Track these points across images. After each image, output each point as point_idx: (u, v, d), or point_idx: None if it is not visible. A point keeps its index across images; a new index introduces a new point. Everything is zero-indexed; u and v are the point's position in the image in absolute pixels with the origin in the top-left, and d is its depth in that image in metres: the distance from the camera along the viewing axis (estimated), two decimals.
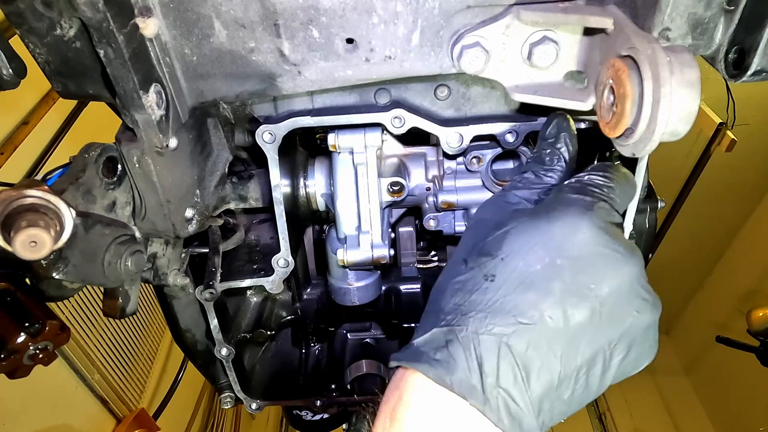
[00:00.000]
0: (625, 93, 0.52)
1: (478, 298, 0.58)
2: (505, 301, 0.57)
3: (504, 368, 0.54)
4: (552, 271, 0.57)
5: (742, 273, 5.34)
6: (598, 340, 0.57)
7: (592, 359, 0.57)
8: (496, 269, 0.59)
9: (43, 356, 0.95)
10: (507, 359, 0.55)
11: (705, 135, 3.99)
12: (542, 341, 0.55)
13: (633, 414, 5.94)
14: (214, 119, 0.86)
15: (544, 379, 0.55)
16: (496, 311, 0.57)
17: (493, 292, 0.58)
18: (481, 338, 0.56)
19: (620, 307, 0.58)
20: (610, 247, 0.58)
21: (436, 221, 1.01)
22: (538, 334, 0.55)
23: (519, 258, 0.59)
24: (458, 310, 0.59)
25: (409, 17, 0.66)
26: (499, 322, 0.56)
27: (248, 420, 4.89)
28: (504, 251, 0.60)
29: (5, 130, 2.16)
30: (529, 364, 0.55)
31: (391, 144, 0.96)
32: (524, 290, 0.57)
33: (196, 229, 0.86)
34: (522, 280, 0.57)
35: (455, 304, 0.59)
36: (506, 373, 0.54)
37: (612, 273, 0.57)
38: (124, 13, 0.59)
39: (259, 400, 1.18)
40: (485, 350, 0.55)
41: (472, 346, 0.56)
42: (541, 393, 0.55)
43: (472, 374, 0.55)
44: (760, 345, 3.10)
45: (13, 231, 0.53)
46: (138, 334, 3.21)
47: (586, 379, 0.57)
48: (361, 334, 1.34)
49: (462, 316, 0.58)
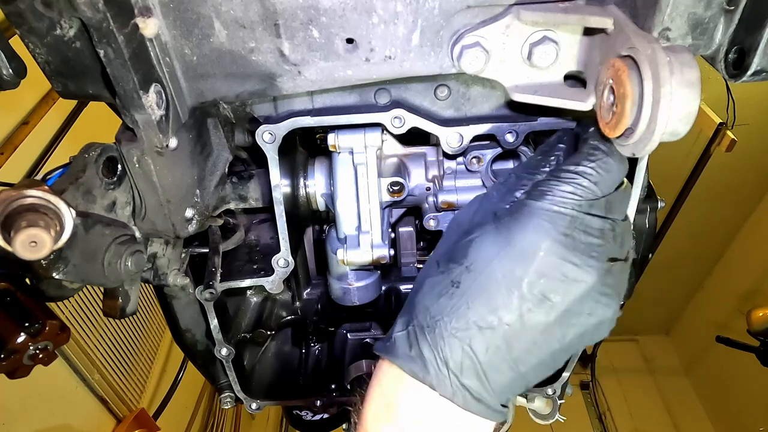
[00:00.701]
0: (625, 93, 0.52)
1: (445, 302, 0.64)
2: (468, 308, 0.62)
3: (467, 367, 0.62)
4: (511, 281, 0.61)
5: (742, 273, 5.34)
6: (553, 337, 0.63)
7: (548, 353, 0.64)
8: (461, 276, 0.64)
9: (43, 356, 0.96)
10: (468, 359, 0.62)
11: (705, 135, 3.98)
12: (501, 343, 0.62)
13: (633, 414, 5.94)
14: (214, 119, 0.86)
15: (504, 374, 0.63)
16: (459, 316, 0.63)
17: (458, 298, 0.63)
18: (447, 340, 0.62)
19: (574, 311, 0.62)
20: (568, 260, 0.61)
21: (436, 221, 1.01)
22: (497, 336, 0.61)
23: (481, 267, 0.63)
24: (428, 312, 0.65)
25: (409, 17, 0.66)
26: (461, 326, 0.62)
27: (248, 420, 4.89)
28: (469, 260, 0.65)
29: (5, 130, 2.16)
30: (488, 363, 0.62)
31: (391, 144, 0.97)
32: (485, 298, 0.62)
33: (196, 229, 0.86)
34: (484, 288, 0.62)
35: (425, 306, 0.66)
36: (469, 372, 0.62)
37: (566, 286, 0.61)
38: (124, 13, 0.59)
39: (259, 400, 1.18)
40: (450, 351, 0.62)
41: (439, 347, 0.63)
42: (502, 384, 0.63)
43: (440, 371, 0.62)
44: (760, 345, 3.10)
45: (13, 231, 0.53)
46: (138, 334, 3.21)
47: (546, 367, 0.65)
48: (361, 334, 1.34)
49: (431, 318, 0.64)
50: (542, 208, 0.61)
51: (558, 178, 0.63)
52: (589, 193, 0.61)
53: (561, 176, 0.62)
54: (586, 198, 0.61)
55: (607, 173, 0.62)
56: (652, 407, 6.01)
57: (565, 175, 0.62)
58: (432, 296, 0.66)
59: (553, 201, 0.61)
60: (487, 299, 0.62)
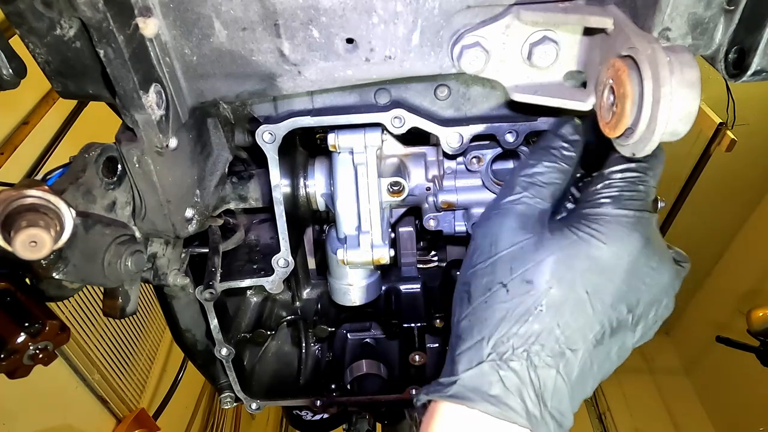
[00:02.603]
0: (625, 93, 0.52)
1: (528, 329, 0.58)
2: (557, 332, 0.58)
3: (558, 394, 0.58)
4: (597, 295, 0.58)
5: (742, 273, 5.34)
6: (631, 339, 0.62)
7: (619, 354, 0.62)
8: (544, 298, 0.59)
9: (43, 356, 0.95)
10: (561, 385, 0.58)
11: (705, 135, 3.99)
12: (587, 362, 0.59)
13: (633, 414, 5.94)
14: (214, 119, 0.86)
15: (586, 392, 0.60)
16: (547, 342, 0.58)
17: (542, 323, 0.58)
18: (540, 371, 0.57)
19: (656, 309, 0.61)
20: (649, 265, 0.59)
21: (436, 221, 1.01)
22: (586, 356, 0.58)
23: (566, 287, 0.58)
24: (508, 343, 0.58)
25: (409, 17, 0.66)
26: (552, 353, 0.58)
27: (248, 420, 4.89)
28: (550, 280, 0.59)
29: (5, 130, 2.16)
30: (577, 385, 0.59)
31: (391, 144, 0.96)
32: (574, 319, 0.58)
33: (196, 229, 0.86)
34: (570, 309, 0.58)
35: (503, 335, 0.59)
36: (560, 399, 0.58)
37: (648, 289, 0.60)
38: (124, 13, 0.59)
39: (259, 400, 1.18)
40: (543, 382, 0.57)
41: (530, 379, 0.57)
42: (580, 403, 0.61)
43: (534, 407, 0.57)
44: (760, 345, 3.10)
45: (13, 231, 0.53)
46: (138, 334, 3.21)
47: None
48: (361, 334, 1.34)
49: (514, 349, 0.58)
50: (620, 216, 0.58)
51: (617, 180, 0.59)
52: (651, 188, 0.60)
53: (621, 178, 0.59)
54: (649, 194, 0.59)
55: (658, 161, 0.60)
56: (652, 407, 6.01)
57: (624, 175, 0.59)
58: (508, 323, 0.59)
59: (625, 205, 0.58)
60: (575, 319, 0.58)
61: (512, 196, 0.66)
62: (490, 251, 0.64)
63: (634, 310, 0.60)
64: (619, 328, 0.60)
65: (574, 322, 0.58)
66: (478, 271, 0.64)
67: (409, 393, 1.19)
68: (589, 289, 0.58)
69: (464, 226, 1.00)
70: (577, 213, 0.62)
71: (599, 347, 0.60)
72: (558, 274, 0.59)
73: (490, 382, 0.58)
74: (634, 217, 0.58)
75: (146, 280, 0.94)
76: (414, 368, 1.21)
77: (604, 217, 0.59)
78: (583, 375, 0.59)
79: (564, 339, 0.58)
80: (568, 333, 0.58)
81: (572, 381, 0.58)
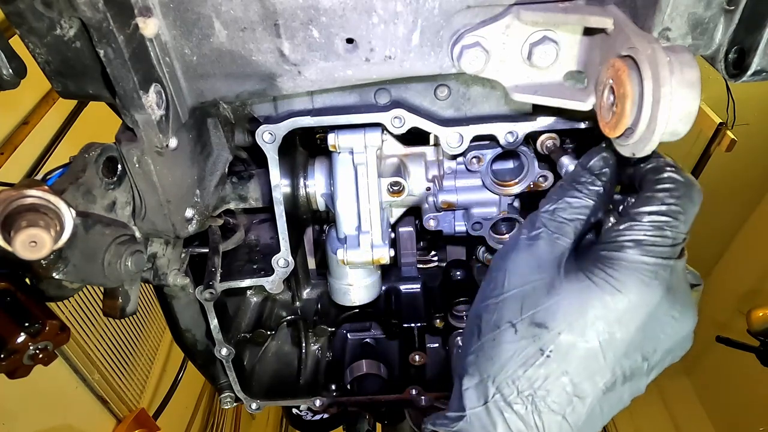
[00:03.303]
0: (625, 93, 0.52)
1: (534, 373, 0.57)
2: (564, 379, 0.56)
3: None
4: (610, 345, 0.56)
5: (742, 273, 5.34)
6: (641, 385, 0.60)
7: (631, 395, 0.61)
8: (552, 343, 0.57)
9: (43, 356, 0.95)
10: (566, 430, 0.57)
11: (705, 135, 3.98)
12: (596, 407, 0.58)
13: (633, 414, 5.94)
14: (214, 119, 0.86)
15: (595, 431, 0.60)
16: (553, 388, 0.57)
17: (548, 368, 0.57)
18: (545, 416, 0.57)
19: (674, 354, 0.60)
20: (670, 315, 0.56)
21: (436, 221, 1.01)
22: (593, 403, 0.57)
23: (577, 333, 0.56)
24: (513, 385, 0.58)
25: (409, 17, 0.66)
26: (558, 399, 0.57)
27: (248, 420, 4.89)
28: (560, 325, 0.57)
29: (5, 130, 2.16)
30: (585, 429, 0.58)
31: (391, 144, 0.96)
32: (584, 366, 0.56)
33: (196, 229, 0.86)
34: (580, 357, 0.56)
35: (508, 376, 0.58)
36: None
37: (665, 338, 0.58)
38: (124, 13, 0.59)
39: (259, 400, 1.18)
40: (548, 427, 0.57)
41: (534, 424, 0.57)
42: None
43: None
44: (760, 345, 3.10)
45: (13, 231, 0.53)
46: (138, 334, 3.21)
47: None
48: (361, 334, 1.34)
49: (519, 392, 0.57)
50: (640, 263, 0.54)
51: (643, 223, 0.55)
52: (680, 234, 0.55)
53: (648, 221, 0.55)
54: (677, 240, 0.55)
55: (693, 205, 0.55)
56: (651, 407, 6.01)
57: (652, 219, 0.55)
58: (515, 365, 0.58)
59: (648, 251, 0.54)
60: (585, 367, 0.56)
61: (532, 231, 0.64)
62: (503, 287, 0.63)
63: (649, 358, 0.58)
64: (632, 376, 0.58)
65: (584, 370, 0.56)
66: (490, 305, 0.63)
67: (409, 393, 1.19)
68: (601, 338, 0.56)
69: (464, 226, 1.00)
70: (595, 254, 0.58)
71: (610, 393, 0.58)
72: (569, 320, 0.57)
73: (495, 423, 0.58)
74: (657, 266, 0.54)
75: (146, 280, 0.94)
76: (414, 368, 1.21)
77: (623, 263, 0.55)
78: (591, 420, 0.58)
79: (572, 387, 0.56)
80: (576, 381, 0.56)
81: (579, 427, 0.57)
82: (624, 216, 0.57)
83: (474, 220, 0.97)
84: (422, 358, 1.20)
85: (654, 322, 0.56)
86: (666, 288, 0.55)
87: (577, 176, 0.64)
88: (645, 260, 0.54)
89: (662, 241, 0.54)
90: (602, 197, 0.62)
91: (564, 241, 0.62)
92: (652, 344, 0.57)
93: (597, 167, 0.63)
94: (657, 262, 0.54)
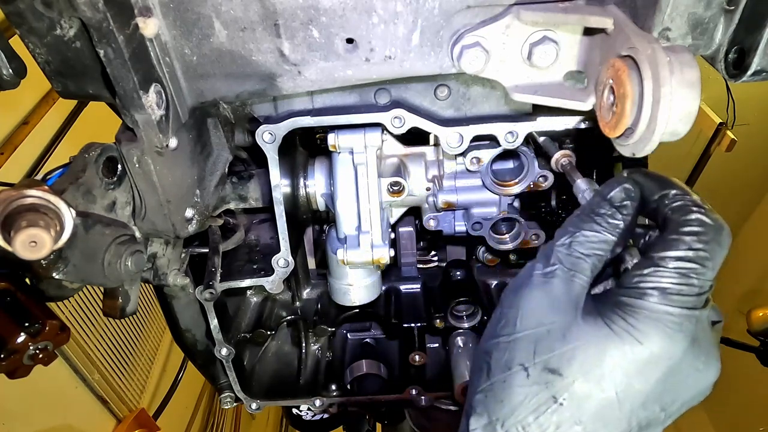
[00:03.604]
0: (625, 93, 0.52)
1: (546, 420, 0.54)
2: (577, 428, 0.54)
3: None
4: (627, 396, 0.53)
5: (742, 273, 5.33)
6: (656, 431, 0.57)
7: None
8: (566, 391, 0.54)
9: (43, 356, 0.95)
10: None
11: (705, 135, 3.98)
12: None
13: None
14: (214, 119, 0.86)
15: None
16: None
17: (561, 416, 0.54)
18: None
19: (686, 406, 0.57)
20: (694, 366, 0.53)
21: (436, 221, 1.01)
22: None
23: (593, 383, 0.53)
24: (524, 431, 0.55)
25: (409, 17, 0.66)
26: None
27: (248, 420, 4.89)
28: (575, 373, 0.54)
29: (5, 130, 2.16)
30: None
31: (391, 144, 0.96)
32: (596, 417, 0.54)
33: (196, 229, 0.86)
34: (595, 407, 0.54)
35: (518, 422, 0.56)
36: None
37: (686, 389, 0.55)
38: (124, 13, 0.59)
39: (259, 400, 1.18)
40: None
41: None
42: None
43: None
44: (760, 345, 3.10)
45: (13, 231, 0.53)
46: (138, 334, 3.21)
47: None
48: (361, 334, 1.34)
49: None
50: (664, 313, 0.51)
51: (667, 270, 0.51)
52: (707, 282, 0.51)
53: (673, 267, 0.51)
54: (703, 289, 0.51)
55: (722, 250, 0.52)
56: None
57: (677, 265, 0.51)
58: (525, 410, 0.55)
59: (672, 301, 0.51)
60: (600, 417, 0.53)
61: (547, 267, 0.59)
62: (515, 327, 0.59)
63: (667, 409, 0.55)
64: (648, 426, 0.55)
65: (598, 420, 0.53)
66: (501, 344, 0.60)
67: (409, 393, 1.19)
68: (618, 388, 0.53)
69: (464, 226, 1.00)
70: (615, 299, 0.54)
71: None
72: (585, 368, 0.53)
73: None
74: (681, 317, 0.51)
75: (146, 280, 0.94)
76: (414, 368, 1.21)
77: (645, 312, 0.52)
78: None
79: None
80: (589, 430, 0.53)
81: None
82: (647, 259, 0.53)
83: (474, 220, 0.97)
84: (422, 358, 1.20)
85: (676, 374, 0.53)
86: (691, 340, 0.52)
87: (596, 207, 0.59)
88: (669, 311, 0.51)
89: (688, 290, 0.51)
90: (623, 233, 0.58)
91: (580, 278, 0.58)
92: (672, 396, 0.55)
93: (618, 199, 0.58)
94: (682, 312, 0.51)
